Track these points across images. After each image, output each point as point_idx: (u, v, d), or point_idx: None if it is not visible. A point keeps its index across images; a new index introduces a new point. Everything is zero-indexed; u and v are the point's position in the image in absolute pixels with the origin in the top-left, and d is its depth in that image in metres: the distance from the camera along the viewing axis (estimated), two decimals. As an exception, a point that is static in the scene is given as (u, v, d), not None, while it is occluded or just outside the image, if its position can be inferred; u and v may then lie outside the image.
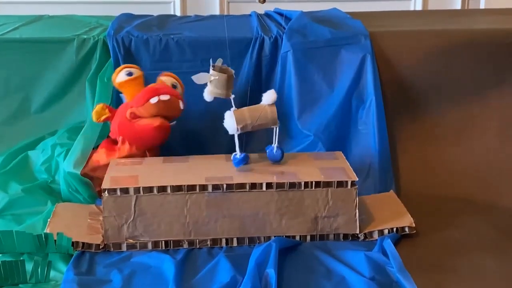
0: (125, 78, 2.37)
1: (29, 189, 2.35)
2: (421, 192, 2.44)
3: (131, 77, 2.36)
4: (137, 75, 2.38)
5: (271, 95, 2.17)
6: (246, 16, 3.04)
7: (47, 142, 2.54)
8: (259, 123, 2.17)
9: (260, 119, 2.16)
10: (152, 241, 2.07)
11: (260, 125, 2.18)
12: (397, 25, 2.87)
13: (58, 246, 1.99)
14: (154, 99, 2.28)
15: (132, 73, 2.37)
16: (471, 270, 1.95)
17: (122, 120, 2.33)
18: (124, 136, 2.34)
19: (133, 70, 2.40)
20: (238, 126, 2.15)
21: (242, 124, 2.15)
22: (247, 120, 2.15)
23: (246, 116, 2.16)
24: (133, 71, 2.39)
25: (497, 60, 2.63)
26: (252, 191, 2.08)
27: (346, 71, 2.55)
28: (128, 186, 2.05)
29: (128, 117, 2.31)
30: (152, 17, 2.98)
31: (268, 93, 2.18)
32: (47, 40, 2.67)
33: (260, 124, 2.17)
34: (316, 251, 2.04)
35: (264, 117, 2.16)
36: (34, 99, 2.65)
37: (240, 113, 2.16)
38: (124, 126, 2.33)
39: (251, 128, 2.18)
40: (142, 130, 2.30)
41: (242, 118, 2.15)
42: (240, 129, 2.16)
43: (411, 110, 2.60)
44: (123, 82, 2.37)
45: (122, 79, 2.37)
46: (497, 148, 2.57)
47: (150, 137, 2.31)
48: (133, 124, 2.31)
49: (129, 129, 2.32)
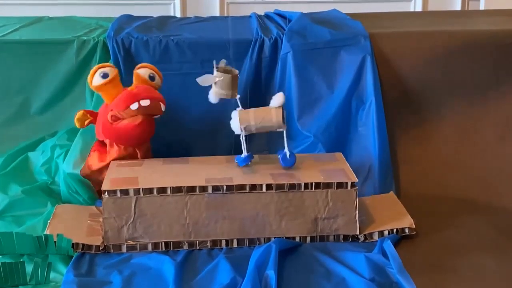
0: (101, 81, 2.30)
1: (29, 191, 2.35)
2: (421, 193, 2.44)
3: (106, 80, 2.29)
4: (113, 76, 2.30)
5: (279, 98, 2.16)
6: (246, 18, 3.04)
7: (47, 143, 2.55)
8: (263, 124, 2.16)
9: (264, 121, 2.16)
10: (152, 242, 2.07)
11: (265, 127, 2.18)
12: (397, 26, 2.87)
13: (58, 248, 1.99)
14: (134, 106, 2.26)
15: (107, 74, 2.30)
16: (471, 271, 1.95)
17: (104, 123, 2.32)
18: (110, 139, 2.34)
19: (108, 70, 2.32)
20: (241, 126, 2.15)
21: (246, 124, 2.15)
22: (251, 121, 2.16)
23: (250, 116, 2.16)
24: (108, 71, 2.31)
25: (497, 61, 2.63)
26: (252, 192, 2.08)
27: (346, 72, 2.55)
28: (128, 188, 2.05)
29: (109, 120, 2.30)
30: (152, 19, 2.98)
31: (276, 96, 2.18)
32: (47, 41, 2.67)
33: (264, 126, 2.17)
34: (316, 252, 2.04)
35: (269, 119, 2.16)
36: (34, 100, 2.65)
37: (245, 114, 2.17)
38: (107, 129, 2.32)
39: (255, 129, 2.18)
40: (125, 130, 2.29)
41: (246, 118, 2.16)
42: (244, 129, 2.16)
43: (411, 111, 2.60)
44: (99, 85, 2.30)
45: (97, 82, 2.30)
46: (497, 148, 2.57)
47: (134, 136, 2.30)
48: (115, 126, 2.30)
49: (112, 132, 2.31)
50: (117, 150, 2.32)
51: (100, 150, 2.38)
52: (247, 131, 2.17)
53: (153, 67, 2.41)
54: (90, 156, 2.37)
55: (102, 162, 2.32)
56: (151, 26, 2.80)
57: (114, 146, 2.33)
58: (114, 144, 2.33)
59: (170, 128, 2.51)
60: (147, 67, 2.40)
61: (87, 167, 2.34)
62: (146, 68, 2.39)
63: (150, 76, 2.37)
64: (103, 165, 2.30)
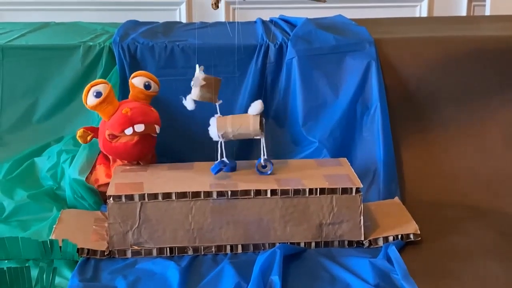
0: (95, 101, 2.28)
1: (35, 196, 2.35)
2: (426, 199, 2.44)
3: (100, 99, 2.27)
4: (106, 94, 2.27)
5: (257, 106, 2.16)
6: (251, 23, 3.05)
7: (53, 148, 2.55)
8: (240, 132, 2.16)
9: (242, 129, 2.16)
10: (157, 247, 2.07)
11: (242, 134, 2.17)
12: (402, 32, 2.87)
13: (63, 253, 1.99)
14: (129, 131, 2.25)
15: (100, 93, 2.27)
16: (476, 277, 1.95)
17: (104, 140, 2.32)
18: (110, 155, 2.35)
19: (101, 88, 2.29)
20: (219, 133, 2.15)
21: (223, 131, 2.15)
22: (228, 128, 2.16)
23: (227, 123, 2.16)
24: (101, 90, 2.28)
25: (502, 67, 2.62)
26: (257, 197, 2.08)
27: (351, 77, 2.55)
28: (133, 193, 2.06)
29: (108, 138, 2.30)
30: (158, 24, 2.99)
31: (254, 104, 2.17)
32: (53, 47, 2.68)
33: (241, 134, 2.17)
34: (321, 258, 2.04)
35: (246, 127, 2.16)
36: (40, 105, 2.66)
37: (223, 120, 2.17)
38: (107, 146, 2.32)
39: (232, 136, 2.17)
40: (124, 148, 2.29)
41: (223, 125, 2.16)
42: (221, 136, 2.16)
43: (416, 117, 2.60)
44: (94, 105, 2.29)
45: (92, 102, 2.29)
46: (503, 154, 2.56)
47: (133, 154, 2.30)
48: (114, 144, 2.30)
49: (112, 149, 2.31)
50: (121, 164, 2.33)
51: (105, 163, 2.39)
52: (225, 138, 2.17)
53: (148, 74, 2.41)
54: (96, 170, 2.38)
55: (109, 178, 2.31)
56: (157, 32, 2.81)
57: (117, 161, 2.34)
58: (117, 159, 2.34)
59: (175, 134, 2.52)
60: (141, 75, 2.39)
61: (94, 181, 2.36)
62: (140, 76, 2.39)
63: (146, 85, 2.37)
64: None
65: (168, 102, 2.48)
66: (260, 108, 2.16)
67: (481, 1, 3.89)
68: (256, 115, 2.16)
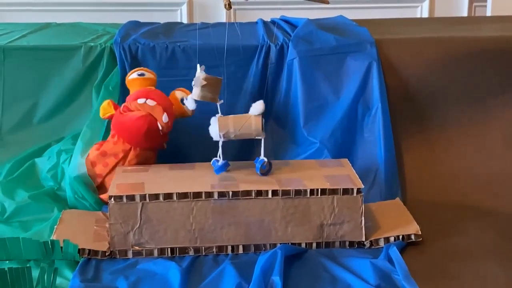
0: (135, 76, 2.44)
1: (35, 196, 2.36)
2: (427, 199, 2.44)
3: (141, 77, 2.43)
4: (148, 77, 2.45)
5: (259, 106, 2.17)
6: (253, 24, 3.05)
7: (54, 149, 2.55)
8: (242, 132, 2.17)
9: (244, 129, 2.17)
10: (158, 248, 2.07)
11: (243, 134, 2.18)
12: (403, 32, 2.87)
13: (64, 253, 1.99)
14: (141, 100, 2.36)
15: (144, 74, 2.45)
16: (477, 277, 1.95)
17: (117, 113, 2.39)
18: (114, 128, 2.38)
19: (146, 73, 2.46)
20: (220, 132, 2.16)
21: (225, 131, 2.16)
22: (230, 128, 2.16)
23: (229, 123, 2.17)
24: (145, 73, 2.45)
25: (502, 67, 2.63)
26: (258, 198, 2.08)
27: (352, 78, 2.55)
28: (134, 193, 2.06)
29: (121, 110, 2.36)
30: (159, 25, 2.99)
31: (256, 104, 2.19)
32: (54, 47, 2.68)
33: (243, 134, 2.18)
34: (322, 259, 2.04)
35: (248, 127, 2.17)
36: (41, 106, 2.66)
37: (224, 120, 2.17)
38: (116, 118, 2.38)
39: (234, 136, 2.18)
40: (128, 121, 2.33)
41: (225, 125, 2.16)
42: (223, 136, 2.16)
43: (417, 117, 2.60)
44: (132, 80, 2.44)
45: (132, 77, 2.44)
46: (503, 155, 2.56)
47: (133, 128, 2.32)
48: (122, 115, 2.35)
49: (118, 121, 2.36)
50: (115, 141, 2.35)
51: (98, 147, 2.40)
52: (226, 138, 2.18)
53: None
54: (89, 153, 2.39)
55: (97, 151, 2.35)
56: (158, 32, 2.81)
57: (114, 137, 2.36)
58: (116, 136, 2.35)
59: (176, 134, 2.52)
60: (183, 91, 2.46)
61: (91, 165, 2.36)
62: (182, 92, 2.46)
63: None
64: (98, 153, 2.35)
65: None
66: (262, 109, 2.16)
67: (482, 1, 3.89)
68: (258, 115, 2.16)
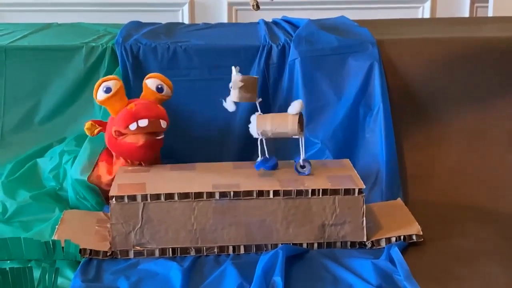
0: (104, 96, 2.27)
1: (37, 196, 2.36)
2: (428, 200, 2.43)
3: (109, 94, 2.27)
4: (116, 90, 2.27)
5: (297, 105, 2.16)
6: (254, 24, 3.05)
7: (55, 149, 2.55)
8: (278, 131, 2.17)
9: (280, 127, 2.16)
10: (159, 248, 2.07)
11: (280, 133, 2.18)
12: (404, 32, 2.88)
13: (66, 253, 1.99)
14: (133, 126, 2.24)
15: (110, 89, 2.26)
16: (478, 278, 1.95)
17: (110, 137, 2.32)
18: (115, 152, 2.35)
19: (111, 84, 2.28)
20: (258, 130, 2.16)
21: (262, 129, 2.16)
22: (267, 126, 2.17)
23: (267, 122, 2.17)
24: (111, 85, 2.27)
25: (503, 67, 2.62)
26: (259, 198, 2.08)
27: (354, 78, 2.55)
28: (135, 193, 2.06)
29: (113, 135, 2.30)
30: (160, 25, 2.99)
31: (294, 103, 2.17)
32: (55, 48, 2.68)
33: (280, 132, 2.18)
34: (323, 259, 2.04)
35: (284, 126, 2.16)
36: (43, 106, 2.66)
37: (262, 118, 2.18)
38: (112, 142, 2.32)
39: (271, 134, 2.18)
40: (129, 149, 2.29)
41: (263, 124, 2.17)
42: (261, 133, 2.17)
43: (419, 118, 2.60)
44: (103, 100, 2.29)
45: (101, 97, 2.28)
46: (504, 155, 2.56)
47: (137, 155, 2.30)
48: (119, 141, 2.30)
49: (117, 146, 2.32)
50: (123, 163, 2.33)
51: (108, 160, 2.38)
52: (264, 135, 2.18)
53: (162, 76, 2.39)
54: (99, 167, 2.38)
55: (110, 175, 2.33)
56: (159, 33, 2.81)
57: (120, 158, 2.34)
58: (120, 157, 2.34)
59: (177, 134, 2.52)
60: (155, 78, 2.38)
61: (96, 177, 2.35)
62: (154, 78, 2.38)
63: (158, 88, 2.36)
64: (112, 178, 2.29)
65: (170, 103, 2.47)
66: (300, 108, 2.15)
67: (483, 2, 3.89)
68: (295, 115, 2.16)
